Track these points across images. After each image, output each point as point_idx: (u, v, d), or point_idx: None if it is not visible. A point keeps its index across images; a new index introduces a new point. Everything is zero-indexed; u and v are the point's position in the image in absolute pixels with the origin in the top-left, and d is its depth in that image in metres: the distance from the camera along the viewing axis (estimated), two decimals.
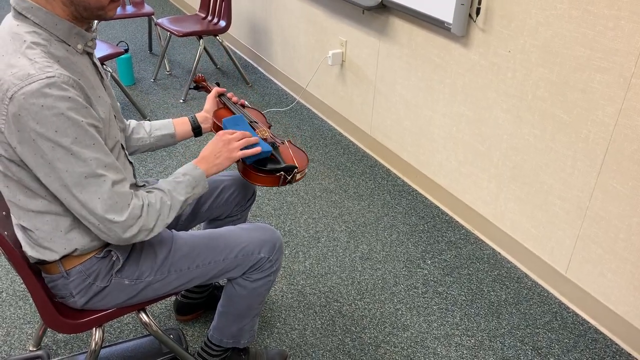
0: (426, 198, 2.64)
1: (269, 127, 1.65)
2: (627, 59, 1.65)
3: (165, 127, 1.55)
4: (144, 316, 1.51)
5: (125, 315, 1.90)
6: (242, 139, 1.41)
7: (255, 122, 1.62)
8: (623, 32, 1.65)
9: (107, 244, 1.29)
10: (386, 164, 2.90)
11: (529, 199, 2.12)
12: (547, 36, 1.87)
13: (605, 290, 1.92)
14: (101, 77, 1.27)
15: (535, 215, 2.11)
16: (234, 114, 1.63)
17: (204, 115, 1.61)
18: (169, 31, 3.49)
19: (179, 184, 1.29)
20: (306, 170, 1.50)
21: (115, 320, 1.89)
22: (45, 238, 1.22)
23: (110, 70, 3.15)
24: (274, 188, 2.65)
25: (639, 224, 1.75)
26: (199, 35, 3.53)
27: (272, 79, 3.86)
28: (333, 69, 3.13)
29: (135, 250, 1.33)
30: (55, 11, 1.10)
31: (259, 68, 4.02)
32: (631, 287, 1.83)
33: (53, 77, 1.03)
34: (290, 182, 1.49)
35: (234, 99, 1.69)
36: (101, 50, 3.05)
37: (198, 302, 1.87)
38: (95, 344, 1.44)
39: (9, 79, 1.02)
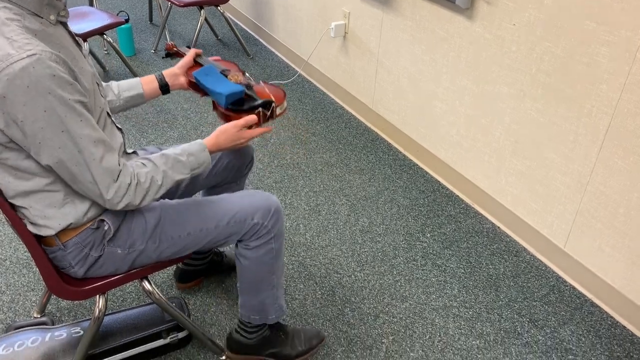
0: (427, 172, 2.64)
1: (243, 73, 1.60)
2: (633, 33, 1.64)
3: (133, 87, 1.52)
4: (146, 284, 1.53)
5: (128, 284, 1.93)
6: (255, 135, 1.43)
7: (227, 69, 1.60)
8: (630, 5, 1.63)
9: (100, 215, 1.29)
10: (388, 138, 2.89)
11: (530, 174, 2.12)
12: (552, 9, 1.85)
13: (603, 264, 1.94)
14: (79, 46, 1.24)
15: (536, 190, 2.12)
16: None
17: (172, 72, 1.57)
18: (169, 1, 3.45)
19: (179, 162, 1.29)
20: (285, 104, 1.52)
21: (118, 288, 1.91)
22: (39, 215, 1.23)
23: (111, 40, 3.12)
24: (275, 161, 2.65)
25: (639, 199, 1.75)
26: (200, 5, 3.48)
27: (274, 50, 3.82)
28: (335, 41, 3.10)
29: (126, 219, 1.33)
30: None
31: (260, 40, 3.98)
32: (629, 262, 1.84)
33: (35, 54, 1.01)
34: (271, 117, 1.48)
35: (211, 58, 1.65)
36: (101, 19, 3.02)
37: (198, 269, 1.89)
38: (99, 311, 1.47)
39: None
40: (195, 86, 1.60)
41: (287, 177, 2.55)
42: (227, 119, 1.47)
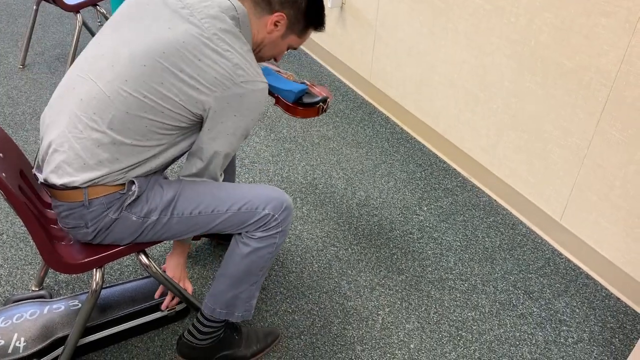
0: (424, 146, 2.63)
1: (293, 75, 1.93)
2: (634, 2, 1.61)
3: None
4: (143, 258, 1.53)
5: (125, 258, 1.93)
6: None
7: (280, 71, 1.89)
8: None
9: (132, 181, 1.32)
10: (385, 112, 2.87)
11: (528, 147, 2.11)
12: None
13: (599, 237, 1.95)
14: None
15: (533, 163, 2.11)
16: None
17: None
18: None
19: None
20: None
21: (115, 262, 1.92)
22: (96, 162, 1.27)
23: (104, 11, 3.07)
24: (271, 135, 2.64)
25: (635, 172, 1.75)
26: None
27: None
28: (333, 12, 3.05)
29: (147, 189, 1.35)
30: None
31: None
32: (624, 234, 1.85)
33: (265, 87, 1.34)
34: (324, 110, 1.82)
35: None
36: None
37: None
38: (96, 284, 1.47)
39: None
40: None
41: (284, 151, 2.54)
42: (292, 111, 1.80)
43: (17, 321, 1.56)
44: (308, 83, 1.88)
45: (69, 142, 1.26)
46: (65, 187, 1.28)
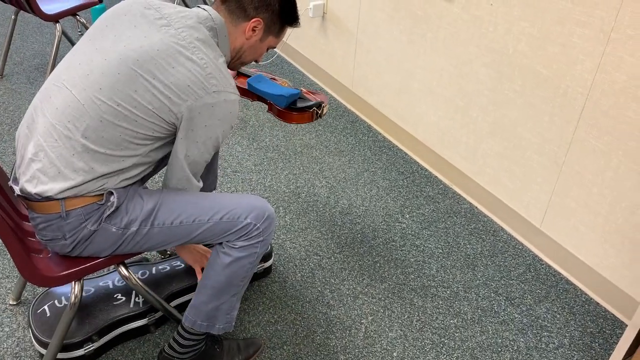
0: (406, 153, 2.65)
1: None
2: (607, 13, 1.65)
3: None
4: (123, 270, 1.52)
5: (105, 270, 1.91)
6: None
7: (273, 77, 1.90)
8: None
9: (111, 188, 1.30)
10: (367, 120, 2.89)
11: (507, 154, 2.14)
12: None
13: (578, 242, 1.97)
14: None
15: (513, 170, 2.14)
16: (249, 76, 1.92)
17: None
18: None
19: None
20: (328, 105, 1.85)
21: (94, 274, 1.90)
22: (71, 168, 1.26)
23: (84, 21, 3.05)
24: (254, 144, 2.63)
25: (612, 179, 1.78)
26: None
27: None
28: (314, 21, 3.07)
29: (126, 199, 1.34)
30: None
31: None
32: (602, 240, 1.88)
33: (237, 98, 1.34)
34: (320, 116, 1.81)
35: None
36: (74, 0, 2.94)
37: None
38: (75, 297, 1.45)
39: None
40: (246, 92, 1.88)
41: (266, 160, 2.53)
42: (284, 117, 1.79)
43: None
44: (304, 90, 1.88)
45: (44, 151, 1.25)
46: (41, 198, 1.27)
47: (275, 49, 3.52)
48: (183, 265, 1.81)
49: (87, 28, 3.05)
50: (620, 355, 1.52)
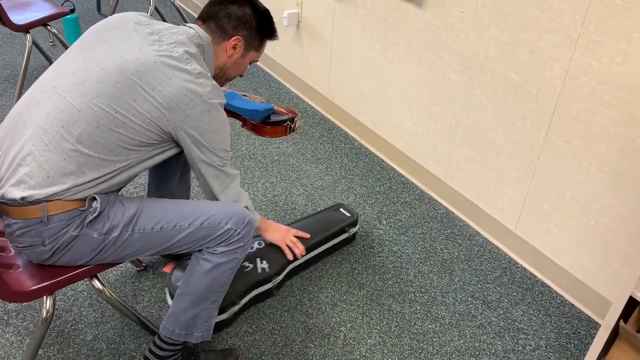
0: (383, 160, 2.66)
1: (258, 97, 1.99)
2: (574, 20, 1.68)
3: None
4: (97, 283, 1.49)
5: (79, 283, 1.88)
6: (295, 243, 1.88)
7: (245, 94, 1.95)
8: None
9: (94, 196, 1.30)
10: (344, 127, 2.90)
11: (481, 159, 2.16)
12: None
13: (552, 245, 2.00)
14: None
15: (487, 175, 2.16)
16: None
17: None
18: None
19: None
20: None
21: (68, 288, 1.86)
22: (62, 173, 1.26)
23: (56, 31, 3.01)
24: (230, 153, 2.62)
25: (583, 181, 1.81)
26: None
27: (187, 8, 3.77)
28: (289, 29, 3.07)
29: (108, 205, 1.33)
30: None
31: None
32: (575, 242, 1.91)
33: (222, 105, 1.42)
34: (293, 130, 1.89)
35: None
36: (44, 10, 2.91)
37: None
38: (47, 312, 1.42)
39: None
40: None
41: (243, 169, 2.52)
42: (259, 131, 1.85)
43: (256, 248, 1.89)
44: (276, 106, 1.95)
45: (32, 155, 1.24)
46: (23, 202, 1.25)
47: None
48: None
49: (59, 39, 3.01)
50: (595, 355, 1.54)
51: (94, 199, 1.30)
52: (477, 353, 1.75)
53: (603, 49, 1.63)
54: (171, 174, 1.77)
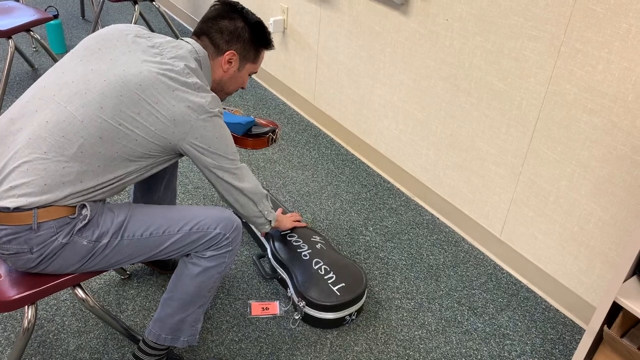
0: (369, 166, 2.67)
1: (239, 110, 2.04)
2: (557, 28, 1.71)
3: None
4: (80, 292, 1.47)
5: (62, 292, 1.85)
6: (297, 220, 2.02)
7: (225, 108, 1.97)
8: (554, 1, 1.69)
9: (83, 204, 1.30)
10: (330, 134, 2.90)
11: (466, 166, 2.18)
12: (483, 4, 1.90)
13: (536, 251, 2.01)
14: None
15: (472, 181, 2.18)
16: None
17: None
18: None
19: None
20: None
21: (51, 297, 1.83)
22: (59, 182, 1.25)
23: (39, 37, 2.98)
24: None
25: (567, 187, 1.83)
26: None
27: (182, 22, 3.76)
28: (275, 36, 3.08)
29: (97, 213, 1.33)
30: None
31: None
32: (559, 247, 1.93)
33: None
34: (275, 141, 1.94)
35: None
36: (27, 15, 2.88)
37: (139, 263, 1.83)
38: (28, 322, 1.40)
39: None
40: None
41: None
42: (242, 143, 1.89)
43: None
44: (257, 118, 1.98)
45: (29, 163, 1.23)
46: (12, 209, 1.23)
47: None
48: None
49: (42, 44, 2.98)
50: None
51: (84, 206, 1.29)
52: (464, 359, 1.76)
53: (585, 56, 1.66)
54: (157, 182, 1.76)
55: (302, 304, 1.78)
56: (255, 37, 1.50)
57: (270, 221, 1.65)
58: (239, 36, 1.47)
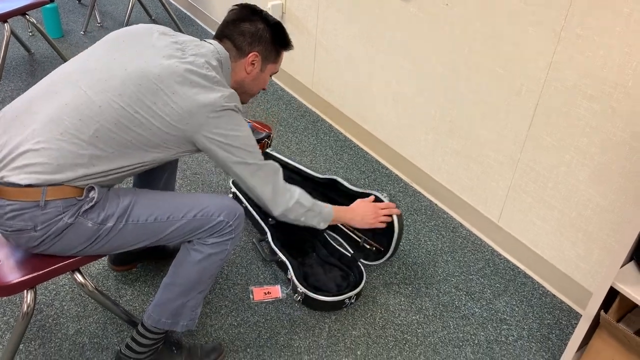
0: (367, 153, 2.67)
1: None
2: (558, 13, 1.69)
3: None
4: (78, 276, 1.47)
5: (61, 277, 1.85)
6: (387, 209, 1.80)
7: None
8: None
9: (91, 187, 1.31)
10: (328, 119, 2.89)
11: (465, 152, 2.18)
12: None
13: (534, 237, 2.02)
14: None
15: (471, 168, 2.18)
16: None
17: None
18: None
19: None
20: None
21: (50, 282, 1.84)
22: (72, 164, 1.27)
23: (35, 21, 2.95)
24: None
25: (566, 173, 1.83)
26: None
27: (210, 31, 3.73)
28: None
29: (103, 197, 1.34)
30: None
31: (196, 20, 3.87)
32: (557, 233, 1.93)
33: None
34: (269, 145, 1.95)
35: None
36: None
37: (135, 252, 1.82)
38: (28, 307, 1.40)
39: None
40: None
41: None
42: None
43: None
44: (250, 121, 1.98)
45: (45, 143, 1.25)
46: (25, 186, 1.24)
47: None
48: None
49: (38, 28, 2.96)
50: (576, 345, 1.57)
51: (92, 188, 1.31)
52: (461, 344, 1.77)
53: (586, 42, 1.65)
54: (156, 179, 1.75)
55: (302, 286, 1.79)
56: (276, 38, 1.53)
57: (314, 225, 1.61)
58: (260, 38, 1.50)
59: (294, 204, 1.51)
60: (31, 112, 1.30)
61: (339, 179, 2.06)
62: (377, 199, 1.86)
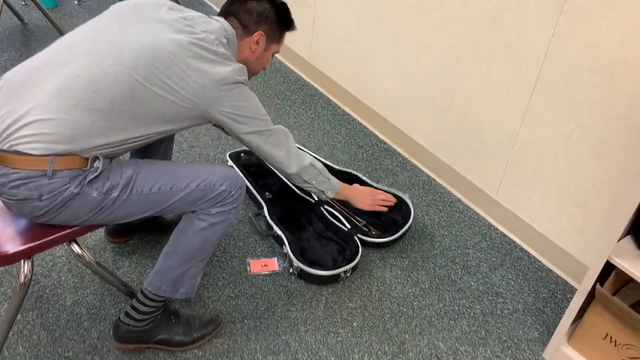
0: (366, 127, 2.65)
1: None
2: None
3: None
4: (75, 247, 1.47)
5: (58, 248, 1.85)
6: (385, 199, 1.86)
7: None
8: None
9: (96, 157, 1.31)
10: (327, 93, 2.87)
11: (464, 127, 2.16)
12: None
13: (532, 211, 2.02)
14: None
15: (469, 142, 2.16)
16: None
17: None
18: None
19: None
20: None
21: (46, 252, 1.84)
22: (89, 134, 1.28)
23: None
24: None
25: (565, 148, 1.83)
26: None
27: (211, 5, 3.67)
28: None
29: (107, 167, 1.34)
30: None
31: None
32: (555, 209, 1.93)
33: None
34: None
35: None
36: None
37: (132, 224, 1.81)
38: (25, 277, 1.40)
39: None
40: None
41: (223, 135, 2.49)
42: None
43: None
44: None
45: (58, 112, 1.25)
46: (33, 155, 1.23)
47: None
48: None
49: None
50: (570, 318, 1.58)
51: (97, 158, 1.31)
52: (457, 316, 1.78)
53: (589, 13, 1.62)
54: (154, 150, 1.74)
55: (298, 260, 1.79)
56: (280, 18, 1.54)
57: (323, 191, 1.67)
58: (266, 17, 1.51)
59: (308, 164, 1.59)
60: (36, 81, 1.28)
61: (360, 174, 2.14)
62: (400, 199, 2.00)
